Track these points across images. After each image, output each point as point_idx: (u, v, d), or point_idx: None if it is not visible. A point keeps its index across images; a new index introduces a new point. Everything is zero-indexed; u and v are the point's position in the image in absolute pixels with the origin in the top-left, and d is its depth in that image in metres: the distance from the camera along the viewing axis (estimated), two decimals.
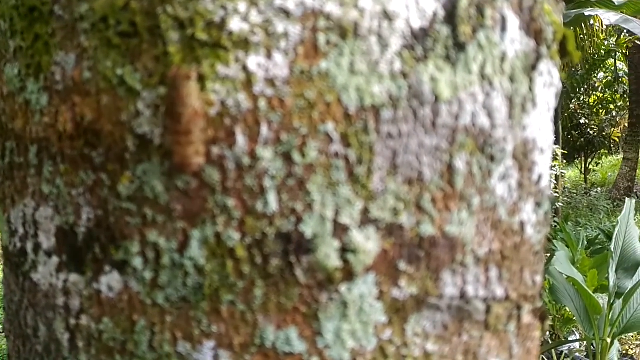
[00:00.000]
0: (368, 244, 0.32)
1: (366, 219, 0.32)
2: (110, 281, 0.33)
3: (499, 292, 0.36)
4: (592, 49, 6.81)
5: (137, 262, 0.32)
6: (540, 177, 0.39)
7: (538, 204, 0.39)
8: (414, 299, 0.33)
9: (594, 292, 2.54)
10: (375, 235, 0.32)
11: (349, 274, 0.32)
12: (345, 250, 0.31)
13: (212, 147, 0.31)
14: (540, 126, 0.39)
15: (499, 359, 0.36)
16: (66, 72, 0.33)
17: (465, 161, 0.34)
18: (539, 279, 0.40)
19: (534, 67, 0.38)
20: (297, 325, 0.32)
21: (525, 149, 0.37)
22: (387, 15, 0.33)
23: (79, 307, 0.34)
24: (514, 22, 0.37)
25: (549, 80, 0.40)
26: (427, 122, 0.33)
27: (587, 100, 7.96)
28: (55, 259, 0.35)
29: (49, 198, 0.35)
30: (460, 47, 0.34)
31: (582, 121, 7.41)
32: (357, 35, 0.32)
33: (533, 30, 0.38)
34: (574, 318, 2.65)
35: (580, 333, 3.04)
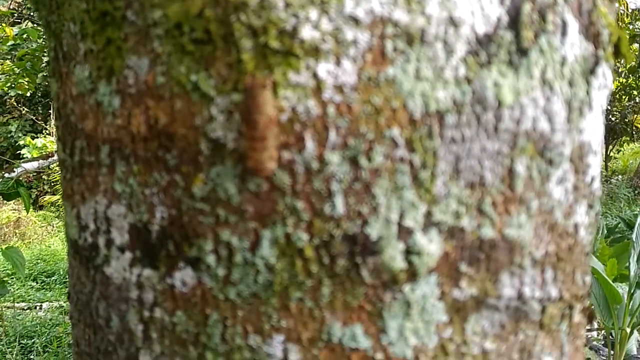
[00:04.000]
0: (431, 246, 0.33)
1: (429, 222, 0.33)
2: (184, 276, 0.34)
3: (554, 292, 0.37)
4: None
5: (211, 259, 0.34)
6: (592, 179, 0.40)
7: (590, 206, 0.40)
8: (473, 299, 0.34)
9: (613, 282, 2.53)
10: (438, 238, 0.33)
11: (412, 275, 0.33)
12: (409, 252, 0.33)
13: (282, 152, 0.32)
14: (594, 129, 0.40)
15: (551, 357, 0.37)
16: (139, 76, 0.35)
17: (526, 165, 0.35)
18: (588, 278, 0.41)
19: (591, 71, 0.38)
20: (363, 322, 0.33)
21: (581, 152, 0.38)
22: (453, 22, 0.33)
23: (153, 301, 0.36)
24: (574, 26, 0.37)
25: (603, 82, 0.40)
26: (490, 127, 0.34)
27: None
28: (128, 255, 0.36)
29: (121, 196, 0.36)
30: (522, 52, 0.35)
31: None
32: (424, 42, 0.33)
33: (591, 34, 0.38)
34: (593, 307, 2.64)
35: (598, 322, 3.03)
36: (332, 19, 0.32)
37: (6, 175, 2.36)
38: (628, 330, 2.45)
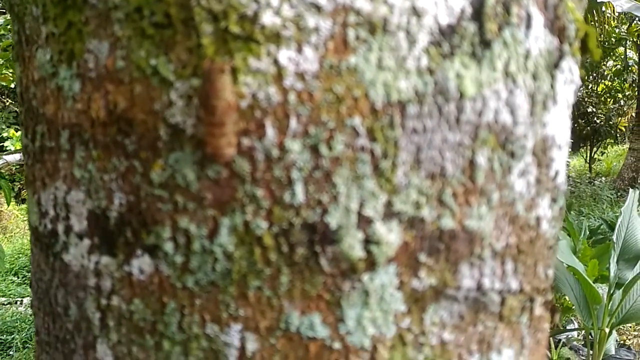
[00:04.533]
0: (390, 236, 0.33)
1: (389, 212, 0.33)
2: (142, 264, 0.34)
3: (514, 284, 0.37)
4: (602, 36, 6.73)
5: (168, 246, 0.33)
6: (557, 173, 0.40)
7: (554, 200, 0.40)
8: (432, 289, 0.34)
9: (594, 282, 2.56)
10: (398, 228, 0.33)
11: (371, 264, 0.33)
12: (368, 241, 0.33)
13: (242, 139, 0.32)
14: (559, 123, 0.40)
15: (511, 349, 0.37)
16: (99, 60, 0.34)
17: (487, 157, 0.35)
18: (551, 272, 0.41)
19: (556, 65, 0.38)
20: (321, 311, 0.33)
21: (544, 146, 0.38)
22: (415, 12, 0.33)
23: (110, 288, 0.35)
24: (538, 19, 0.37)
25: (569, 77, 0.41)
26: (451, 118, 0.34)
27: (595, 89, 7.89)
28: (86, 241, 0.36)
29: (80, 182, 0.36)
30: (485, 44, 0.35)
31: (589, 109, 7.35)
32: (386, 31, 0.33)
33: (557, 28, 0.39)
34: (573, 307, 2.68)
35: (578, 322, 3.08)
36: (293, 5, 0.31)
37: None
38: (607, 330, 2.49)
